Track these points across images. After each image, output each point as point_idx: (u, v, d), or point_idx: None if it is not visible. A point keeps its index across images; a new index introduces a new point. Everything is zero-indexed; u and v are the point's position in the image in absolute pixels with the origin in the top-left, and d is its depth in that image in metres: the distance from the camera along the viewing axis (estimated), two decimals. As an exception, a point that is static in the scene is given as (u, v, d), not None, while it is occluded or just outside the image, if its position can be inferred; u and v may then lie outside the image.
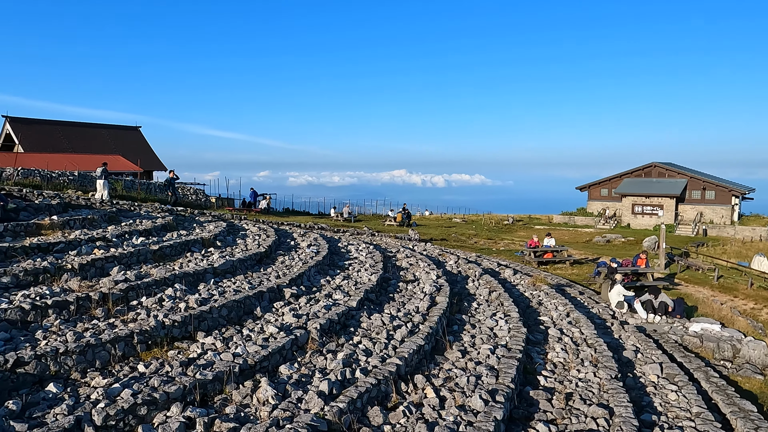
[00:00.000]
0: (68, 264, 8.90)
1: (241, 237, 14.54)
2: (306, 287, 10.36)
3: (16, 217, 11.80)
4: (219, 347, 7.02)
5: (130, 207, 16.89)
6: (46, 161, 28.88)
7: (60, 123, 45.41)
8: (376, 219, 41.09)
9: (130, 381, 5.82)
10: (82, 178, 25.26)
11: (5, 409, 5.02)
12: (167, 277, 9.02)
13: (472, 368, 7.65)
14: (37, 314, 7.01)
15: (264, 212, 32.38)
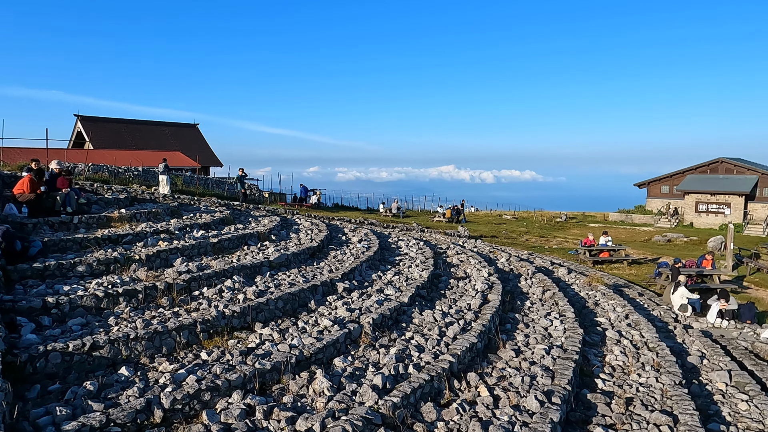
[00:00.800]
0: (136, 255, 9.41)
1: (294, 231, 14.88)
2: (358, 282, 10.49)
3: (89, 210, 12.58)
4: (276, 338, 7.24)
5: (190, 201, 17.63)
6: (113, 157, 30.57)
7: (125, 121, 47.98)
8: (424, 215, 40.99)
9: (194, 367, 6.10)
10: (146, 174, 26.58)
11: (84, 389, 5.38)
12: (226, 269, 9.37)
13: (526, 368, 7.51)
14: (109, 301, 7.46)
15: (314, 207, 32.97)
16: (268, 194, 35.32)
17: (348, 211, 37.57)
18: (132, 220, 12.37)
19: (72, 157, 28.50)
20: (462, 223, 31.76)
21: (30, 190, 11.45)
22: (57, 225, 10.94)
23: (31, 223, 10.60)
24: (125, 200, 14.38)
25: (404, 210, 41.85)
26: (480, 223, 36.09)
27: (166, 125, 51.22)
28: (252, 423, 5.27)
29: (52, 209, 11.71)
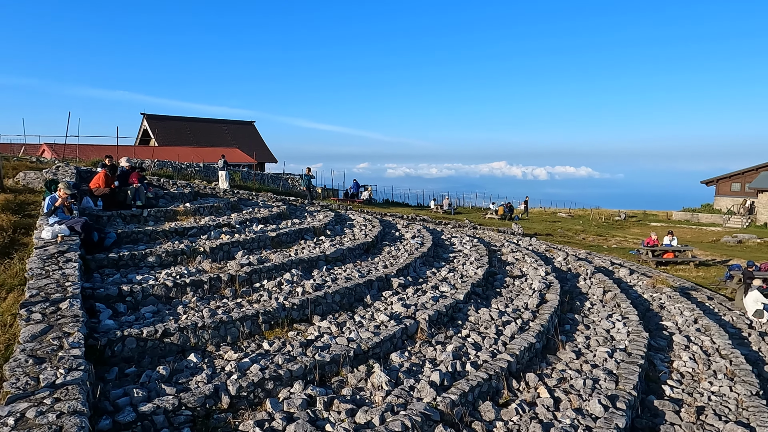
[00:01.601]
0: (201, 247, 9.83)
1: (348, 227, 15.07)
2: (413, 278, 10.50)
3: (156, 204, 13.25)
4: (334, 331, 7.37)
5: (248, 196, 18.20)
6: (176, 154, 32.03)
7: (187, 119, 50.11)
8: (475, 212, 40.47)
9: (257, 357, 6.31)
10: (206, 169, 27.68)
11: (157, 373, 5.70)
12: (285, 263, 9.62)
13: (588, 371, 7.28)
14: (177, 291, 7.83)
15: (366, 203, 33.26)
16: (320, 190, 35.94)
17: (398, 207, 37.64)
18: (196, 213, 12.92)
19: (139, 154, 30.10)
20: (515, 221, 31.12)
21: (105, 185, 12.19)
22: (128, 218, 11.60)
23: (106, 215, 11.29)
24: (189, 195, 15.03)
25: (455, 206, 41.48)
26: (534, 221, 35.22)
27: (225, 122, 53.08)
28: (313, 413, 5.39)
29: (123, 203, 12.41)
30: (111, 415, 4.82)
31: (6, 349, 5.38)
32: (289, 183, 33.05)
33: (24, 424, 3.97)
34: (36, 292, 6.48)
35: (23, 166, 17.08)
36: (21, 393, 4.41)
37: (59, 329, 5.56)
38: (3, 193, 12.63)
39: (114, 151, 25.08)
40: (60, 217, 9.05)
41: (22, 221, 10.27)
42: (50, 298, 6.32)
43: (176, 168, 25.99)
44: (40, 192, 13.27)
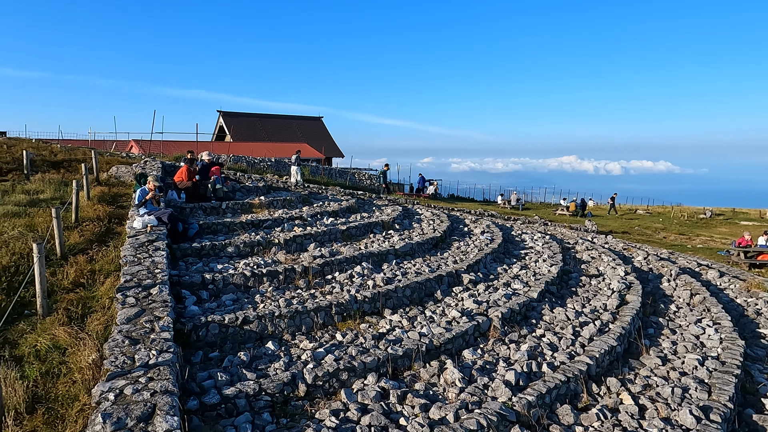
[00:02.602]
0: (275, 239, 10.16)
1: (416, 221, 15.03)
2: (483, 274, 10.29)
3: (233, 197, 13.85)
4: (405, 325, 7.36)
5: (318, 190, 18.61)
6: (250, 149, 33.35)
7: (259, 115, 52.03)
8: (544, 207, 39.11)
9: (331, 347, 6.42)
10: (278, 164, 28.60)
11: (238, 359, 5.94)
12: (355, 256, 9.73)
13: (675, 378, 6.80)
14: (255, 280, 8.14)
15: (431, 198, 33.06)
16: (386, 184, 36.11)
17: (464, 202, 37.12)
18: (270, 206, 13.37)
19: (216, 149, 31.62)
20: (588, 217, 29.77)
21: (187, 179, 12.90)
22: (208, 210, 12.20)
23: (188, 207, 11.94)
24: (263, 188, 15.59)
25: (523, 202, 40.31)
26: (608, 218, 33.52)
27: (294, 118, 54.62)
28: (387, 406, 5.41)
29: (203, 195, 13.08)
30: (198, 396, 5.08)
31: (105, 329, 5.82)
32: (356, 177, 33.48)
33: (123, 399, 4.25)
34: (129, 278, 6.96)
35: (115, 161, 18.45)
36: (119, 371, 4.73)
37: (150, 313, 5.93)
38: (99, 186, 13.69)
39: (193, 146, 26.49)
40: (149, 209, 9.66)
41: (116, 212, 11.09)
42: (142, 284, 6.76)
43: (250, 163, 27.05)
44: (130, 185, 14.26)
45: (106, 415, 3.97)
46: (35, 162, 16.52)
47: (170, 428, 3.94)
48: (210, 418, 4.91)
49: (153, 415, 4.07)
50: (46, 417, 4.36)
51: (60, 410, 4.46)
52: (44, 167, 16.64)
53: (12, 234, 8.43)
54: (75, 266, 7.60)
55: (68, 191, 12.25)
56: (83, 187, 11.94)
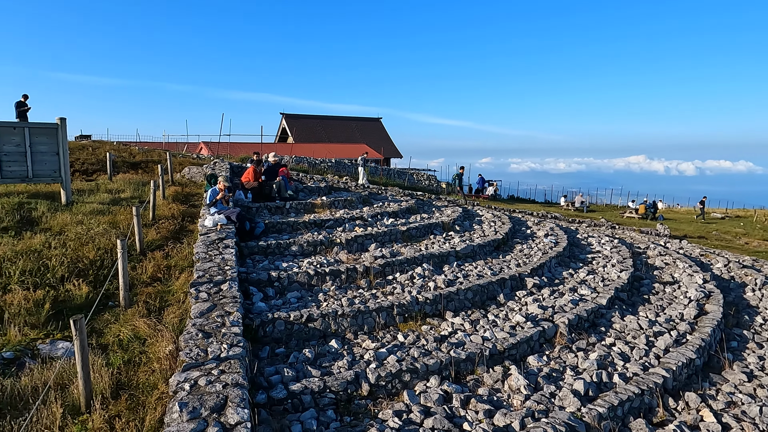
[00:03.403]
0: (337, 238, 10.32)
1: (477, 223, 14.79)
2: (548, 278, 9.96)
3: (296, 197, 14.21)
4: (467, 329, 7.25)
5: (378, 191, 18.75)
6: (311, 150, 34.15)
7: (319, 117, 53.19)
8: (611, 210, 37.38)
9: (393, 348, 6.44)
10: (337, 165, 29.09)
11: (303, 356, 6.08)
12: (416, 257, 9.71)
13: (764, 397, 6.28)
14: (318, 279, 8.30)
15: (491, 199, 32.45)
16: (445, 185, 35.85)
17: (525, 203, 36.16)
18: (331, 207, 13.61)
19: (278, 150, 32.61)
20: (660, 221, 28.17)
21: (253, 179, 13.37)
22: (273, 209, 12.59)
23: (255, 207, 12.37)
24: (324, 189, 15.90)
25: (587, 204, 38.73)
26: (681, 221, 31.55)
27: (353, 120, 55.37)
28: (450, 410, 5.35)
29: (269, 195, 13.51)
30: (266, 390, 5.24)
31: (180, 322, 6.13)
32: (414, 178, 33.47)
33: (197, 390, 4.45)
34: (202, 274, 7.29)
35: (187, 162, 19.44)
36: (193, 362, 4.96)
37: (221, 308, 6.18)
38: (173, 186, 14.47)
39: (258, 147, 27.46)
40: (219, 208, 10.09)
41: (188, 210, 11.67)
42: (213, 280, 7.07)
43: (311, 163, 27.69)
44: (201, 184, 14.98)
45: (183, 404, 4.18)
46: (116, 163, 17.71)
47: (241, 420, 4.08)
48: (277, 412, 5.05)
49: (225, 407, 4.24)
50: (129, 403, 4.64)
51: (141, 397, 4.73)
52: (124, 168, 17.81)
53: (97, 230, 9.07)
54: (153, 261, 8.06)
55: (146, 190, 13.03)
56: (159, 187, 12.66)
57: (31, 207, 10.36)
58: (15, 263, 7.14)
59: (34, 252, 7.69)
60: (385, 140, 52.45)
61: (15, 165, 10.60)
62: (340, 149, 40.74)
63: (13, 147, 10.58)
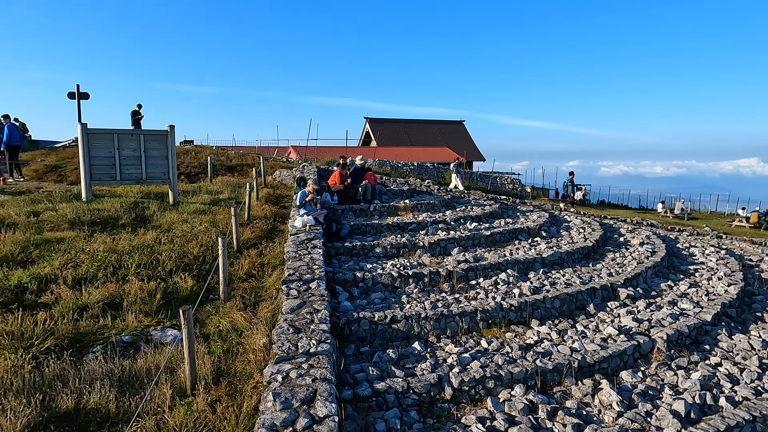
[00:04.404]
0: (420, 242, 10.40)
1: (565, 229, 14.22)
2: (643, 290, 9.36)
3: (380, 200, 14.48)
4: (554, 338, 7.02)
5: (461, 194, 18.60)
6: (394, 153, 34.60)
7: (401, 121, 53.71)
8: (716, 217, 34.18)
9: (476, 354, 6.38)
10: (419, 168, 29.21)
11: (387, 356, 6.20)
12: (500, 262, 9.53)
13: None
14: (401, 281, 8.42)
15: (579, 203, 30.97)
16: (529, 189, 34.77)
17: (616, 209, 34.09)
18: (414, 210, 13.73)
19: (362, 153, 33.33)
20: (776, 231, 25.31)
21: (339, 182, 13.82)
22: (358, 211, 12.93)
23: (340, 209, 12.79)
24: (407, 192, 16.06)
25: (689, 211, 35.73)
26: (804, 232, 28.11)
27: (435, 122, 55.31)
28: (535, 420, 5.21)
29: (354, 198, 13.89)
30: (351, 387, 5.41)
31: (272, 316, 6.49)
32: (498, 182, 32.78)
33: (289, 382, 4.70)
34: (292, 272, 7.68)
35: (278, 165, 20.49)
36: (285, 356, 5.24)
37: (310, 305, 6.47)
38: (265, 188, 15.33)
39: (343, 151, 28.29)
40: (308, 210, 10.56)
41: (279, 211, 12.32)
42: (303, 278, 7.42)
43: (393, 166, 28.04)
44: (290, 187, 15.73)
45: (276, 394, 4.43)
46: (216, 166, 19.07)
47: (329, 414, 4.26)
48: (362, 409, 5.21)
49: (314, 400, 4.44)
50: (228, 389, 4.99)
51: (238, 384, 5.08)
52: (222, 171, 19.14)
53: (200, 228, 9.84)
54: (248, 259, 8.61)
55: (242, 192, 13.91)
56: (254, 189, 13.46)
57: (144, 206, 11.46)
58: (132, 256, 7.95)
59: (147, 247, 8.50)
60: (467, 143, 51.87)
61: (132, 168, 11.79)
62: (422, 152, 40.90)
63: (130, 152, 11.77)
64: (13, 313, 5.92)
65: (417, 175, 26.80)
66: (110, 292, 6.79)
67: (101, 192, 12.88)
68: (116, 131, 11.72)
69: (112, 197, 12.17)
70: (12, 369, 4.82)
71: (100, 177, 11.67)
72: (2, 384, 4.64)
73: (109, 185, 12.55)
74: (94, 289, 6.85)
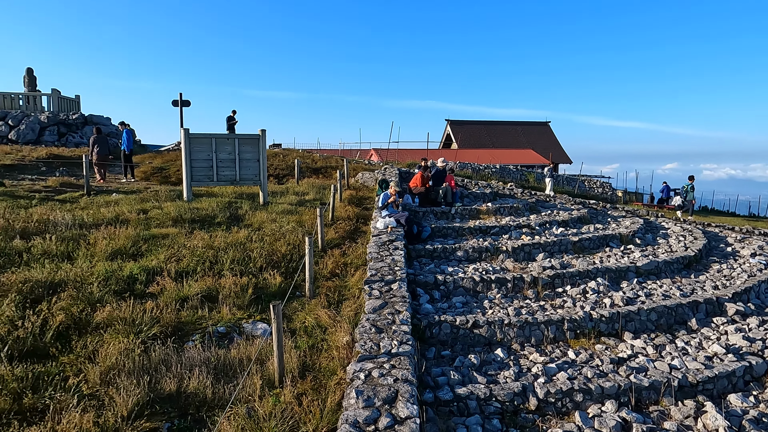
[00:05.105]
0: (503, 246, 10.14)
1: (662, 236, 13.22)
2: (756, 306, 8.46)
3: (462, 202, 14.32)
4: (650, 353, 6.54)
5: (546, 198, 17.91)
6: (475, 156, 34.10)
7: (483, 122, 52.79)
8: None
9: (563, 364, 6.10)
10: (502, 171, 28.53)
11: (469, 361, 6.11)
12: (589, 270, 9.05)
13: None
14: (483, 286, 8.26)
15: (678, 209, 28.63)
16: (621, 193, 32.74)
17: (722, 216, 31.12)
18: (497, 213, 13.42)
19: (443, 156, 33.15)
20: None
21: (421, 184, 13.84)
22: (439, 214, 12.87)
23: (421, 211, 12.80)
24: (489, 195, 15.74)
25: (812, 219, 31.76)
26: None
27: (518, 124, 53.76)
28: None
29: (434, 200, 13.85)
30: (432, 390, 5.39)
31: (355, 315, 6.63)
32: (586, 185, 31.21)
33: (371, 381, 4.77)
34: (374, 273, 7.79)
35: (360, 167, 20.93)
36: (367, 355, 5.33)
37: (392, 306, 6.53)
38: (348, 190, 15.72)
39: (424, 153, 28.30)
40: (390, 211, 10.68)
41: (362, 213, 12.57)
42: (384, 279, 7.51)
43: (474, 169, 27.61)
44: (372, 189, 16.00)
45: (359, 392, 4.52)
46: (302, 169, 19.87)
47: (410, 415, 4.26)
48: (443, 413, 5.16)
49: (396, 400, 4.47)
50: (313, 384, 5.17)
51: (322, 380, 5.24)
52: (308, 173, 19.89)
53: (287, 228, 10.30)
54: (332, 258, 8.87)
55: (326, 194, 14.38)
56: (338, 191, 13.86)
57: (237, 206, 12.19)
58: (227, 253, 8.48)
59: (240, 244, 9.03)
60: (553, 145, 49.88)
61: (227, 170, 12.59)
62: (504, 155, 39.92)
63: (226, 155, 12.58)
64: (125, 301, 6.53)
65: (499, 178, 26.17)
66: (207, 286, 7.29)
67: (199, 192, 13.88)
68: (214, 136, 12.58)
69: (209, 197, 13.07)
70: (125, 351, 5.32)
71: (199, 178, 12.58)
72: (117, 365, 5.13)
73: (206, 186, 13.50)
74: (194, 282, 7.39)
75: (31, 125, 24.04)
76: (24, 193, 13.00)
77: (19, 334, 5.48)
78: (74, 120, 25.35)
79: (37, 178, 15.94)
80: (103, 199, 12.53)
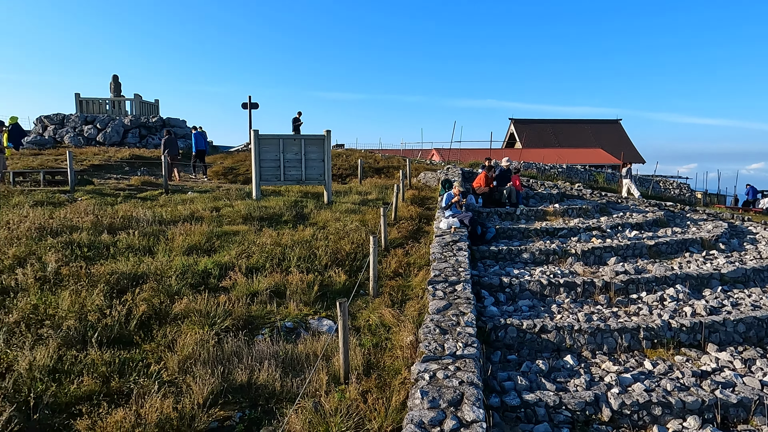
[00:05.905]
0: (572, 249, 9.75)
1: (749, 242, 12.21)
2: None
3: (526, 203, 13.93)
4: (738, 368, 6.05)
5: (617, 200, 17.06)
6: (541, 155, 33.08)
7: (549, 121, 51.08)
8: None
9: (639, 375, 5.77)
10: (569, 171, 27.48)
11: (536, 366, 5.92)
12: (667, 276, 8.51)
13: None
14: (551, 290, 7.97)
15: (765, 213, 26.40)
16: (701, 195, 30.62)
17: (821, 221, 28.32)
18: (564, 215, 12.94)
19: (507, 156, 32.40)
20: None
21: (485, 185, 13.59)
22: (503, 215, 12.59)
23: (485, 211, 12.57)
24: (556, 196, 15.20)
25: None
26: None
27: (587, 122, 51.55)
28: (714, 460, 4.54)
29: (498, 201, 13.56)
30: (498, 394, 5.26)
31: (418, 315, 6.60)
32: (661, 186, 29.44)
33: (436, 382, 4.73)
34: (438, 273, 7.73)
35: (422, 167, 20.88)
36: (431, 355, 5.28)
37: (456, 308, 6.45)
38: (410, 190, 15.71)
39: (487, 153, 27.80)
40: (453, 212, 10.56)
41: (424, 213, 12.52)
42: (448, 280, 7.43)
43: (540, 169, 26.77)
44: (434, 189, 15.90)
45: (424, 393, 4.49)
46: (364, 168, 20.09)
47: (477, 419, 4.18)
48: (509, 419, 5.03)
49: (461, 403, 4.40)
50: (377, 382, 5.19)
51: (387, 378, 5.25)
52: (370, 173, 20.09)
53: (351, 227, 10.43)
54: (395, 258, 8.89)
55: (388, 193, 14.45)
56: (400, 191, 13.89)
57: (302, 204, 12.51)
58: (293, 250, 8.72)
59: (305, 242, 9.25)
60: (624, 144, 47.45)
61: (293, 170, 12.96)
62: (571, 154, 38.44)
63: (292, 155, 12.94)
64: (200, 294, 6.87)
65: (566, 178, 25.22)
66: (275, 282, 7.52)
67: (267, 191, 14.37)
68: (281, 137, 12.98)
69: (276, 196, 13.50)
70: (200, 342, 5.59)
71: (267, 178, 13.02)
72: (193, 354, 5.40)
73: (274, 185, 13.96)
74: (263, 278, 7.65)
75: (116, 128, 25.89)
76: (110, 191, 14.02)
77: (107, 322, 5.90)
78: (153, 123, 27.03)
79: (121, 177, 17.15)
80: (179, 197, 13.27)
